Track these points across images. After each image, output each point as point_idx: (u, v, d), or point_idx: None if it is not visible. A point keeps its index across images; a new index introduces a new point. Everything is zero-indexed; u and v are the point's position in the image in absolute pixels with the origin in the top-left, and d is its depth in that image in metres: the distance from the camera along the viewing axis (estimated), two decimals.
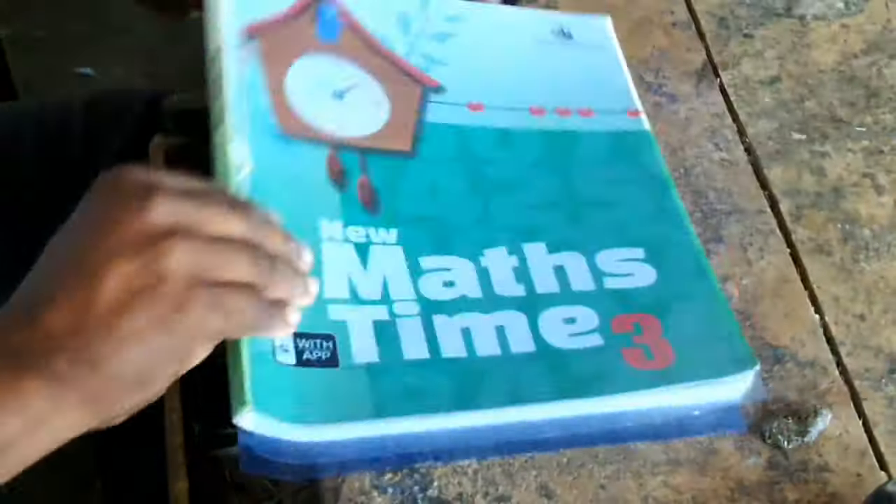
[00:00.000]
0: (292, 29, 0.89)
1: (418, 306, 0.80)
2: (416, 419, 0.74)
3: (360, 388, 0.74)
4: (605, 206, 0.87)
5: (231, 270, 0.68)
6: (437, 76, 0.93)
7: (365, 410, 0.73)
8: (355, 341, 0.76)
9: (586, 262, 0.83)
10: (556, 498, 0.74)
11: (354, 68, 0.90)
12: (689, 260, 0.84)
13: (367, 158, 0.86)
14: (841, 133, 0.95)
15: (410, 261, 0.82)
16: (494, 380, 0.76)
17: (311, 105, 0.86)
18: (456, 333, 0.78)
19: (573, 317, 0.80)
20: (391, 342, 0.77)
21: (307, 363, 0.74)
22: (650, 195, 0.88)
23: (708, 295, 0.82)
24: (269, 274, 0.71)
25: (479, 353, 0.77)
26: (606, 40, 0.98)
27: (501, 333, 0.79)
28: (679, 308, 0.81)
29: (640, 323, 0.80)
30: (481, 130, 0.91)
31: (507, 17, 0.98)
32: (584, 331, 0.79)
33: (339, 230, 0.82)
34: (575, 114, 0.93)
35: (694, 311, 0.81)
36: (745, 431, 0.78)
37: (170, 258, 0.66)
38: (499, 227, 0.85)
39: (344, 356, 0.75)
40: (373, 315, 0.78)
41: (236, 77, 0.84)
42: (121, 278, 0.66)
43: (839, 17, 1.04)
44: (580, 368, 0.77)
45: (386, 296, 0.80)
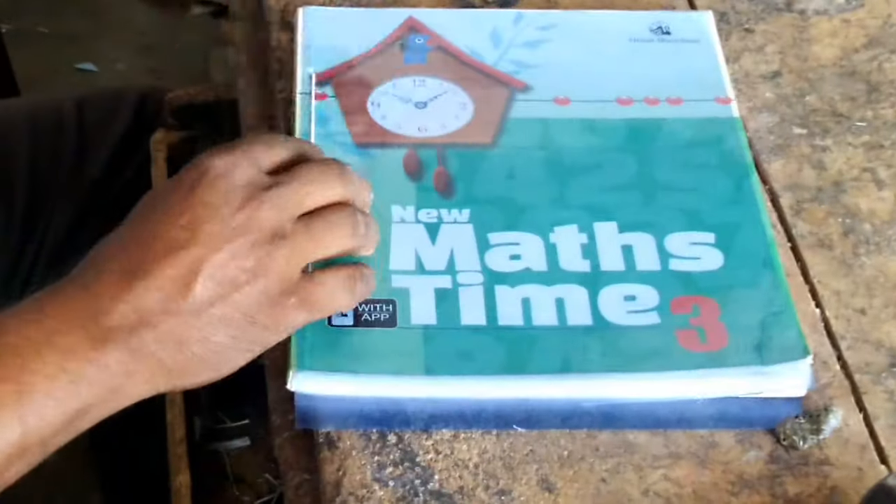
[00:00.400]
0: (376, 63, 0.95)
1: (482, 276, 0.82)
2: (465, 380, 0.77)
3: (414, 347, 0.78)
4: (681, 190, 0.88)
5: (333, 244, 0.75)
6: (525, 78, 0.95)
7: (416, 368, 0.77)
8: (415, 305, 0.80)
9: (655, 243, 0.85)
10: (557, 491, 0.75)
11: (440, 81, 0.94)
12: (759, 248, 0.84)
13: (446, 152, 0.89)
14: (842, 127, 0.95)
15: (479, 236, 0.85)
16: (547, 348, 0.78)
17: (392, 117, 0.92)
18: (515, 303, 0.81)
19: (634, 294, 0.82)
20: (450, 307, 0.80)
21: (365, 324, 0.79)
22: (729, 181, 0.88)
23: (772, 284, 0.82)
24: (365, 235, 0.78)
25: (536, 323, 0.80)
26: (704, 34, 0.98)
27: (560, 305, 0.81)
28: (740, 294, 0.82)
29: (698, 305, 0.81)
30: (565, 121, 0.92)
31: (602, 19, 1.00)
32: (643, 309, 0.81)
33: (412, 213, 0.86)
34: (663, 102, 0.94)
35: (755, 298, 0.82)
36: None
37: (272, 259, 0.71)
38: (572, 207, 0.87)
39: (402, 318, 0.80)
40: (435, 283, 0.82)
41: (305, 116, 0.91)
42: (223, 271, 0.69)
43: (840, 11, 1.04)
44: (632, 345, 0.79)
45: (451, 266, 0.83)
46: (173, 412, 1.13)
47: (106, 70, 2.22)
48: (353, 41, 0.96)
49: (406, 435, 0.77)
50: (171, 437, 1.13)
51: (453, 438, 0.77)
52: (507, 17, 0.99)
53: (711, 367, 0.78)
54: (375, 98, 0.93)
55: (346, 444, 0.76)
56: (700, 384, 0.78)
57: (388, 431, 0.76)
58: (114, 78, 2.18)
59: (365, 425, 0.77)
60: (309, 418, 0.77)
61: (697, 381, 0.78)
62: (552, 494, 0.74)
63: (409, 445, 0.76)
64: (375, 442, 0.76)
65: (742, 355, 0.78)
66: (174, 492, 1.11)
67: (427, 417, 0.77)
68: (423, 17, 0.98)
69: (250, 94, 1.02)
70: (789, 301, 0.81)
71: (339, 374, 0.77)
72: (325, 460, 0.76)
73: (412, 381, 0.77)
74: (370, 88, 0.93)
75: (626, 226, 0.86)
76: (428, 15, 0.99)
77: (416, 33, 0.97)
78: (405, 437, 0.77)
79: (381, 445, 0.76)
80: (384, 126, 0.91)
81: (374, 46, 0.96)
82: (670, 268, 0.83)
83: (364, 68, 0.95)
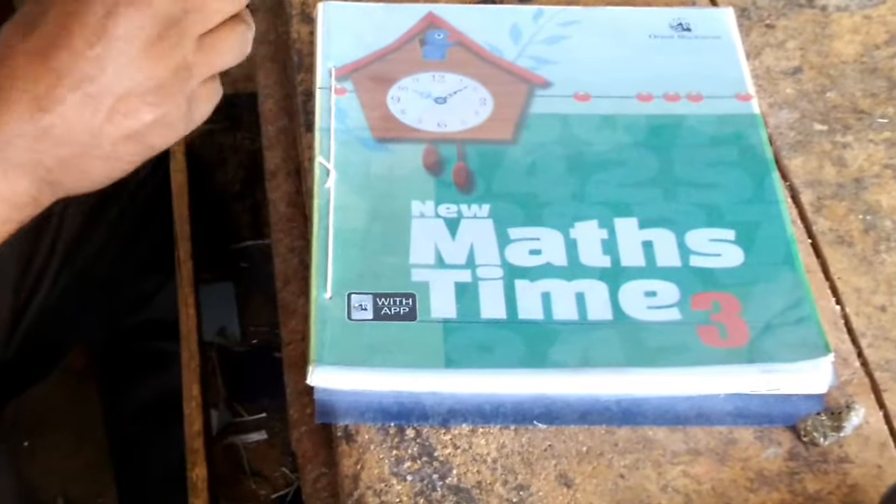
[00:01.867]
0: (396, 58, 0.95)
1: (502, 271, 0.82)
2: (484, 373, 0.77)
3: (434, 340, 0.78)
4: (701, 187, 0.88)
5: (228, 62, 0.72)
6: (545, 74, 0.95)
7: (436, 361, 0.77)
8: (434, 298, 0.80)
9: (676, 239, 0.84)
10: (576, 487, 0.74)
11: (460, 77, 0.94)
12: (780, 245, 0.84)
13: (466, 148, 0.90)
14: (863, 124, 0.95)
15: (499, 231, 0.85)
16: (567, 343, 0.78)
17: (412, 112, 0.92)
18: (535, 297, 0.81)
19: (654, 290, 0.82)
20: (470, 301, 0.80)
21: (385, 317, 0.79)
22: (750, 178, 0.88)
23: (793, 281, 0.82)
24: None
25: (556, 317, 0.80)
26: (725, 31, 0.98)
27: (581, 300, 0.81)
28: (761, 291, 0.82)
29: (719, 301, 0.81)
30: (585, 117, 0.92)
31: (622, 16, 1.00)
32: (664, 305, 0.81)
33: (431, 208, 0.86)
34: (684, 99, 0.93)
35: (776, 295, 0.81)
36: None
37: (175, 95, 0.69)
38: (592, 203, 0.87)
39: (422, 311, 0.80)
40: (455, 277, 0.82)
41: (325, 110, 0.91)
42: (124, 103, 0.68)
43: (861, 7, 1.03)
44: (653, 340, 0.79)
45: (471, 261, 0.83)
46: (191, 406, 1.13)
47: None
48: (372, 36, 0.96)
49: (424, 429, 0.76)
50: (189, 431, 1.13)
51: (471, 433, 0.77)
52: (527, 13, 0.99)
53: (732, 363, 0.77)
54: (395, 93, 0.93)
55: (364, 438, 0.76)
56: (721, 380, 0.77)
57: (407, 426, 0.76)
58: None
59: (384, 419, 0.77)
60: (328, 412, 0.77)
61: (718, 377, 0.77)
62: (570, 490, 0.74)
63: (427, 440, 0.76)
64: (394, 436, 0.76)
65: (763, 352, 0.78)
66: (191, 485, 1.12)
67: (446, 412, 0.77)
68: (442, 13, 0.98)
69: (270, 87, 1.02)
70: (810, 298, 0.81)
71: (359, 368, 0.76)
72: (343, 454, 0.76)
73: (432, 374, 0.77)
74: (390, 83, 0.93)
75: (646, 222, 0.85)
76: (447, 11, 0.99)
77: (435, 29, 0.97)
78: (423, 431, 0.76)
79: (399, 440, 0.76)
80: (403, 121, 0.91)
81: (393, 42, 0.96)
82: (690, 264, 0.83)
83: (383, 63, 0.95)
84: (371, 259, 0.82)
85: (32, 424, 1.74)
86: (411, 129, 0.91)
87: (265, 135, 0.99)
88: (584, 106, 0.93)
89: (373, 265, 0.82)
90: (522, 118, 0.92)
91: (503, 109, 0.92)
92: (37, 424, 1.74)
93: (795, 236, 0.85)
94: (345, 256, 0.82)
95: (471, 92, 0.93)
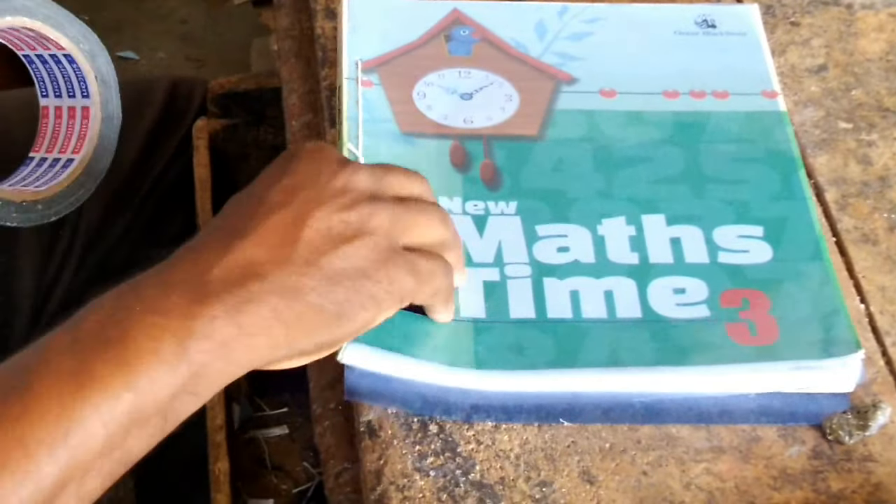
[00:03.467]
0: (422, 53, 0.96)
1: (530, 269, 0.82)
2: (515, 374, 0.77)
3: (464, 340, 0.78)
4: (728, 184, 0.88)
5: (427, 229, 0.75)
6: (570, 70, 0.95)
7: (466, 361, 0.77)
8: (464, 297, 0.80)
9: (703, 236, 0.84)
10: (599, 483, 0.74)
11: (485, 73, 0.94)
12: (808, 241, 0.84)
13: (492, 144, 0.90)
14: (888, 122, 0.94)
15: (527, 228, 0.85)
16: (596, 341, 0.78)
17: (438, 108, 0.92)
18: (564, 295, 0.81)
19: (683, 287, 0.81)
20: (499, 300, 0.80)
21: (417, 308, 0.78)
22: (776, 175, 0.88)
23: (822, 278, 0.82)
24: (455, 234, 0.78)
25: (585, 316, 0.80)
26: (750, 27, 0.98)
27: (609, 298, 0.81)
28: (790, 287, 0.81)
29: (748, 298, 0.81)
30: (611, 113, 0.92)
31: (647, 12, 1.00)
32: (693, 302, 0.81)
33: (459, 205, 0.86)
34: (710, 96, 0.93)
35: (805, 291, 0.81)
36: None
37: (375, 216, 0.72)
38: (619, 199, 0.87)
39: None
40: (484, 276, 0.82)
41: (353, 100, 0.91)
42: (327, 223, 0.70)
43: (887, 6, 1.03)
44: (682, 338, 0.79)
45: (499, 259, 0.83)
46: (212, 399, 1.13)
47: (147, 58, 2.22)
48: (397, 31, 0.96)
49: (447, 425, 0.76)
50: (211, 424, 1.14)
51: (494, 429, 0.77)
52: (552, 9, 0.99)
53: (763, 360, 0.77)
54: (421, 88, 0.93)
55: (387, 434, 0.76)
56: (751, 379, 0.77)
57: (430, 421, 0.76)
58: (155, 66, 2.19)
59: (408, 408, 0.76)
60: (355, 392, 0.76)
61: (749, 376, 0.77)
62: (593, 486, 0.74)
63: (450, 435, 0.76)
64: (417, 431, 0.76)
65: (794, 349, 0.78)
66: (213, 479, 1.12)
67: (469, 408, 0.77)
68: (467, 9, 0.98)
69: (294, 82, 1.02)
70: (839, 295, 0.81)
71: (393, 353, 0.76)
72: (366, 449, 0.76)
73: (462, 374, 0.77)
74: (416, 78, 0.93)
75: (673, 219, 0.85)
76: (472, 7, 0.99)
77: (460, 25, 0.97)
78: (446, 426, 0.76)
79: (422, 435, 0.76)
80: (430, 116, 0.91)
81: (419, 37, 0.96)
82: (719, 261, 0.83)
83: (409, 58, 0.95)
84: None
85: None
86: (438, 125, 0.91)
87: (289, 130, 0.99)
88: (611, 102, 0.93)
89: None
90: (548, 114, 0.92)
91: (529, 106, 0.92)
92: None
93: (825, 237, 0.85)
94: None
95: (496, 88, 0.93)
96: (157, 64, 2.20)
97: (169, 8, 2.27)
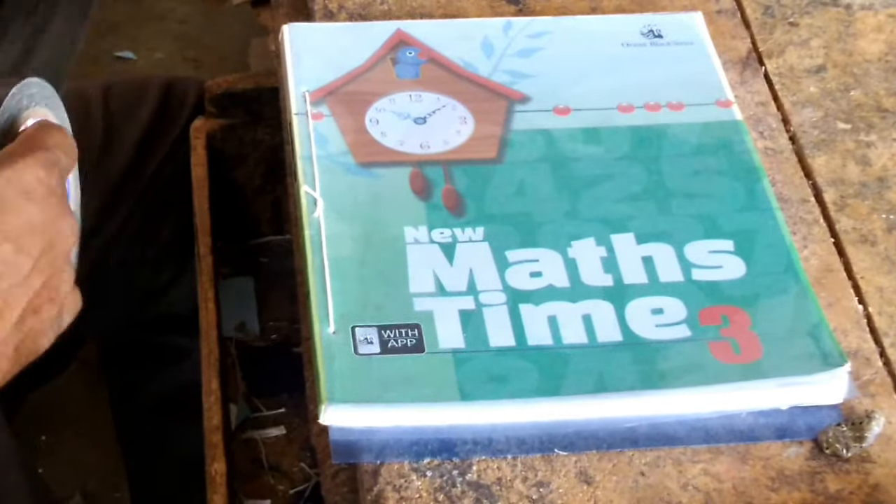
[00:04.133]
0: (369, 78, 0.93)
1: (505, 296, 0.81)
2: (500, 404, 0.75)
3: (446, 373, 0.76)
4: (694, 198, 0.87)
5: None
6: (522, 88, 0.94)
7: (450, 394, 0.75)
8: (441, 329, 0.78)
9: (675, 253, 0.84)
10: (596, 484, 0.74)
11: (436, 96, 0.93)
12: (780, 253, 0.84)
13: (452, 169, 0.88)
14: (886, 123, 0.94)
15: (497, 254, 0.83)
16: (580, 367, 0.77)
17: (393, 134, 0.90)
18: (542, 321, 0.79)
19: (661, 307, 0.81)
20: (477, 329, 0.79)
21: (392, 350, 0.77)
22: (740, 186, 0.88)
23: (798, 290, 0.82)
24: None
25: (566, 342, 0.78)
26: (697, 36, 0.98)
27: (588, 322, 0.80)
28: (768, 302, 0.81)
29: (727, 315, 0.80)
30: (568, 131, 0.91)
31: (593, 24, 0.99)
32: (672, 322, 0.80)
33: (425, 233, 0.84)
34: (664, 108, 0.93)
35: (783, 305, 0.81)
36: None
37: None
38: (587, 220, 0.85)
39: (430, 343, 0.78)
40: (459, 305, 0.80)
41: (305, 136, 0.89)
42: None
43: (886, 6, 1.03)
44: (666, 360, 0.78)
45: (472, 287, 0.81)
46: (210, 400, 1.13)
47: (145, 58, 2.22)
48: (342, 57, 0.95)
49: None
50: (208, 425, 1.13)
51: None
52: (497, 25, 0.98)
53: (749, 379, 0.77)
54: (373, 115, 0.91)
55: None
56: (740, 397, 0.77)
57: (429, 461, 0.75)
58: (152, 66, 2.19)
59: (403, 457, 0.75)
60: (344, 451, 0.75)
61: (737, 394, 0.77)
62: (590, 487, 0.74)
63: None
64: None
65: (779, 366, 0.78)
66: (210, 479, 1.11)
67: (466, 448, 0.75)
68: (410, 30, 0.97)
69: None
70: (818, 307, 0.81)
71: (373, 405, 0.75)
72: None
73: (448, 408, 0.76)
74: (367, 104, 0.92)
75: (643, 236, 0.84)
76: (416, 27, 0.97)
77: (406, 46, 0.96)
78: None
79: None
80: (385, 143, 0.89)
81: (364, 62, 0.95)
82: (693, 278, 0.82)
83: (358, 84, 0.93)
84: (370, 289, 0.81)
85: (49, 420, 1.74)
86: (394, 152, 0.89)
87: (286, 130, 0.99)
88: (565, 120, 0.92)
89: (373, 296, 0.80)
90: (505, 136, 0.90)
91: (485, 127, 0.91)
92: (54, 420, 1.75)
93: (819, 236, 0.84)
94: (344, 288, 0.80)
95: (450, 111, 0.92)
96: (154, 64, 2.20)
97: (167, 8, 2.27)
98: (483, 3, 1.01)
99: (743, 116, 0.93)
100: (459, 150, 0.90)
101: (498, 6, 1.01)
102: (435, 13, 1.00)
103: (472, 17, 1.00)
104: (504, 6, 1.01)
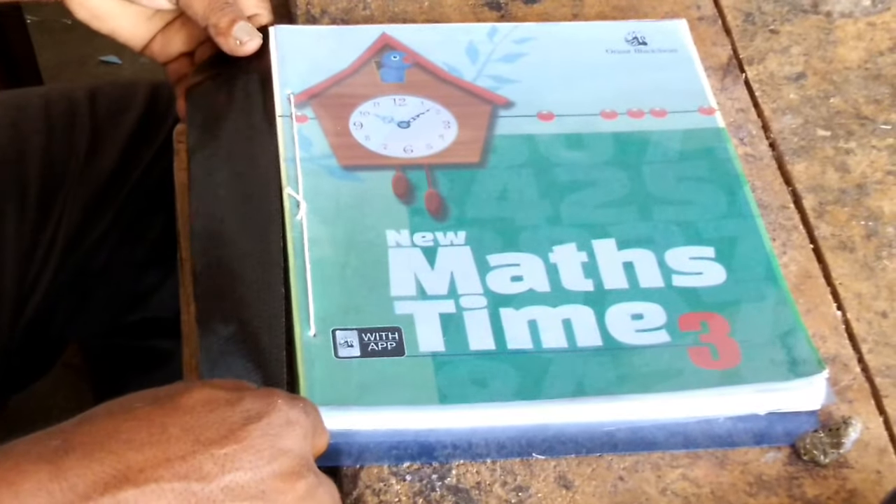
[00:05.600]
0: (354, 81, 0.94)
1: (485, 300, 0.81)
2: (480, 407, 0.76)
3: (425, 376, 0.77)
4: (675, 204, 0.87)
5: None
6: (506, 94, 0.94)
7: (430, 397, 0.76)
8: (421, 332, 0.79)
9: (656, 259, 0.84)
10: (575, 489, 0.74)
11: (420, 99, 0.93)
12: (760, 261, 0.84)
13: (435, 173, 0.88)
14: (866, 130, 0.95)
15: (478, 258, 0.83)
16: (559, 372, 0.77)
17: (376, 138, 0.90)
18: (522, 325, 0.80)
19: (640, 313, 0.81)
20: (457, 333, 0.79)
21: (372, 353, 0.77)
22: (722, 193, 0.88)
23: (777, 298, 0.82)
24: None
25: (546, 346, 0.79)
26: (681, 44, 0.98)
27: (568, 327, 0.80)
28: (747, 309, 0.81)
29: (706, 321, 0.80)
30: (552, 137, 0.91)
31: (577, 31, 0.99)
32: (651, 327, 0.80)
33: (407, 237, 0.84)
34: (647, 115, 0.93)
35: (762, 312, 0.81)
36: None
37: None
38: (569, 225, 0.86)
39: (410, 346, 0.78)
40: (439, 308, 0.80)
41: (288, 139, 0.89)
42: None
43: (866, 14, 1.03)
44: (645, 365, 0.78)
45: (453, 290, 0.81)
46: None
47: (130, 63, 2.22)
48: (328, 60, 0.95)
49: None
50: None
51: None
52: (482, 30, 0.98)
53: (727, 384, 0.77)
54: (357, 118, 0.91)
55: None
56: (717, 403, 0.77)
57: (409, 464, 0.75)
58: (137, 71, 2.19)
59: (383, 461, 0.75)
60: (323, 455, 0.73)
61: (715, 400, 0.77)
62: (569, 491, 0.74)
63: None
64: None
65: (757, 372, 0.78)
66: None
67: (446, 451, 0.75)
68: (396, 34, 0.97)
69: None
70: (796, 314, 0.81)
71: (352, 408, 0.75)
72: None
73: (427, 411, 0.76)
74: (351, 108, 0.92)
75: (624, 242, 0.85)
76: (401, 31, 0.97)
77: (391, 50, 0.96)
78: None
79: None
80: (368, 147, 0.90)
81: (349, 65, 0.95)
82: (674, 284, 0.83)
83: (342, 87, 0.93)
84: (352, 292, 0.81)
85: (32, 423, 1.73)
86: (377, 156, 0.89)
87: None
88: (549, 125, 0.92)
89: (354, 299, 0.80)
90: (488, 140, 0.91)
91: (468, 132, 0.91)
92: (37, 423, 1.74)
93: (799, 242, 0.85)
94: (325, 291, 0.80)
95: (433, 115, 0.92)
96: (140, 68, 2.20)
97: None
98: (465, 10, 1.02)
99: (724, 123, 0.93)
100: (443, 154, 0.90)
101: (480, 12, 1.02)
102: (417, 18, 1.01)
103: (454, 22, 1.00)
104: (486, 12, 1.02)
